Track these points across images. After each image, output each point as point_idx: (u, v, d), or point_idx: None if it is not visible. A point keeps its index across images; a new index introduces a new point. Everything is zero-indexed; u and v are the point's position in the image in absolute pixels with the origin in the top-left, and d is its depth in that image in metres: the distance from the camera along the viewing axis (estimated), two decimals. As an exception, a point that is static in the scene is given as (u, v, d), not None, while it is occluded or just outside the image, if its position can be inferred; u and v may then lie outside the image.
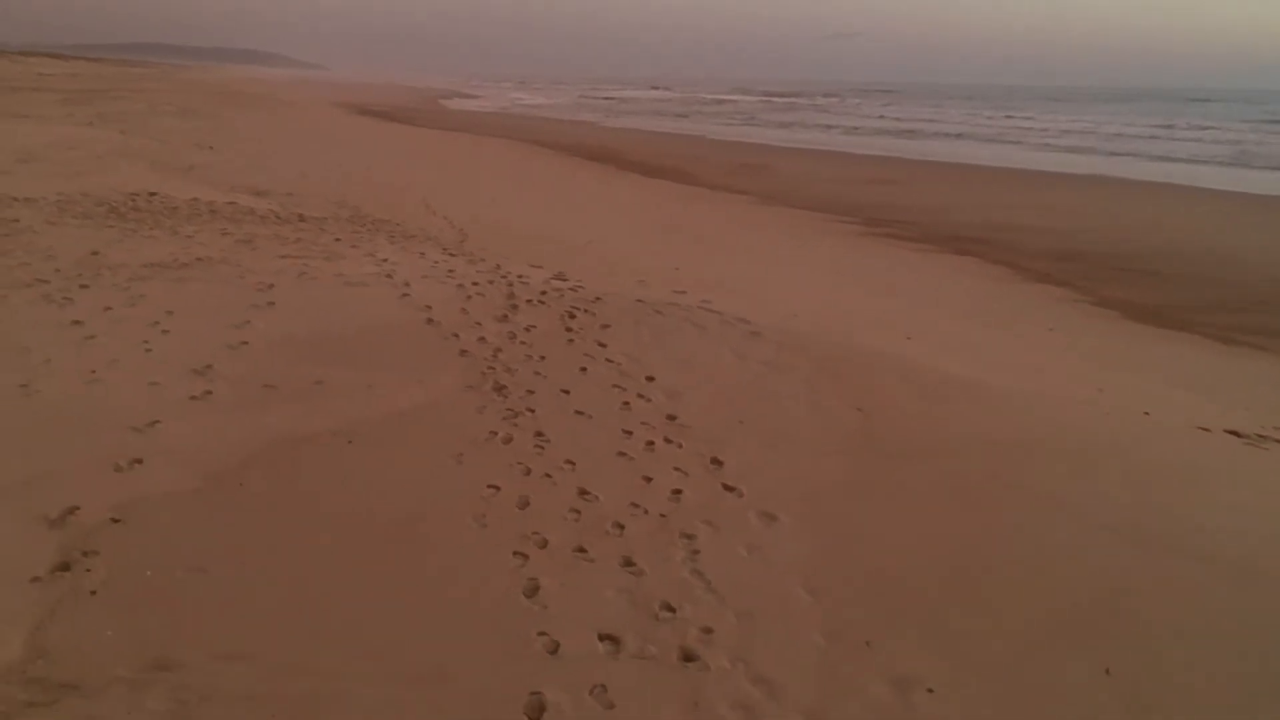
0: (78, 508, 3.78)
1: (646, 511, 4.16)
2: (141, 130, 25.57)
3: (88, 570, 3.40)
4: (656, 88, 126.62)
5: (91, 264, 7.26)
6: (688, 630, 3.36)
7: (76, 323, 5.86)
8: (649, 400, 5.34)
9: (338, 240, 8.96)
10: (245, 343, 5.69)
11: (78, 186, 12.24)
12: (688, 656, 3.23)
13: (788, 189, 22.53)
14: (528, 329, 6.29)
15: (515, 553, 3.76)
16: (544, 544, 3.83)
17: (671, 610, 3.47)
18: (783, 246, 14.64)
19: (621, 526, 4.02)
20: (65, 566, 3.41)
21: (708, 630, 3.37)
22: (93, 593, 3.29)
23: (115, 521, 3.73)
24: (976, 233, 16.89)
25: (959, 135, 42.58)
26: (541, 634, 3.28)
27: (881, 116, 56.58)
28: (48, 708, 2.73)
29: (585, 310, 6.76)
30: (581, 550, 3.81)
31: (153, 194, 11.55)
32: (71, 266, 7.14)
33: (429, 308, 6.54)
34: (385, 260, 7.97)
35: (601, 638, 3.29)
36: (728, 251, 12.94)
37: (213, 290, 6.71)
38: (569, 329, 6.37)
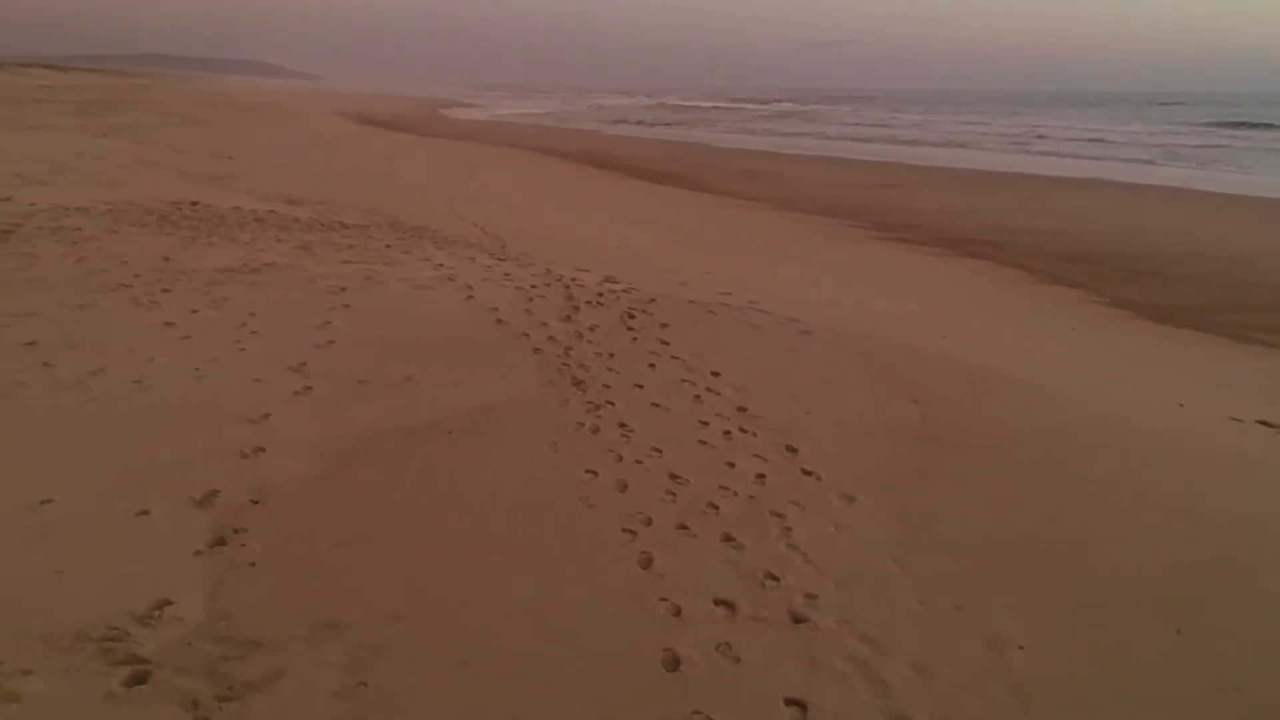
0: (218, 491, 4.08)
1: (736, 493, 4.48)
2: (156, 141, 25.84)
3: (242, 545, 3.70)
4: (649, 96, 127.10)
5: (166, 269, 7.57)
6: (793, 596, 3.67)
7: (169, 324, 6.17)
8: (718, 394, 5.66)
9: (388, 246, 9.28)
10: (331, 342, 6.00)
11: (118, 196, 12.53)
12: (797, 619, 3.54)
13: (795, 194, 22.81)
14: (592, 328, 6.61)
15: (624, 529, 4.07)
16: (649, 522, 4.14)
17: (775, 579, 3.78)
18: (802, 250, 14.96)
19: (716, 507, 4.33)
20: (221, 541, 3.72)
21: (811, 596, 3.69)
22: (252, 564, 3.59)
23: (255, 503, 4.03)
24: (986, 236, 17.19)
25: (956, 140, 43.07)
26: (663, 599, 3.59)
27: (881, 124, 57.02)
28: (241, 660, 3.04)
29: (643, 310, 7.08)
30: (684, 527, 4.13)
31: (194, 203, 11.85)
32: (149, 272, 7.45)
33: (495, 309, 6.86)
34: (441, 265, 8.29)
35: (717, 603, 3.60)
36: (752, 255, 13.26)
37: (288, 294, 7.02)
38: (630, 328, 6.69)
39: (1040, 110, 78.85)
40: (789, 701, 3.08)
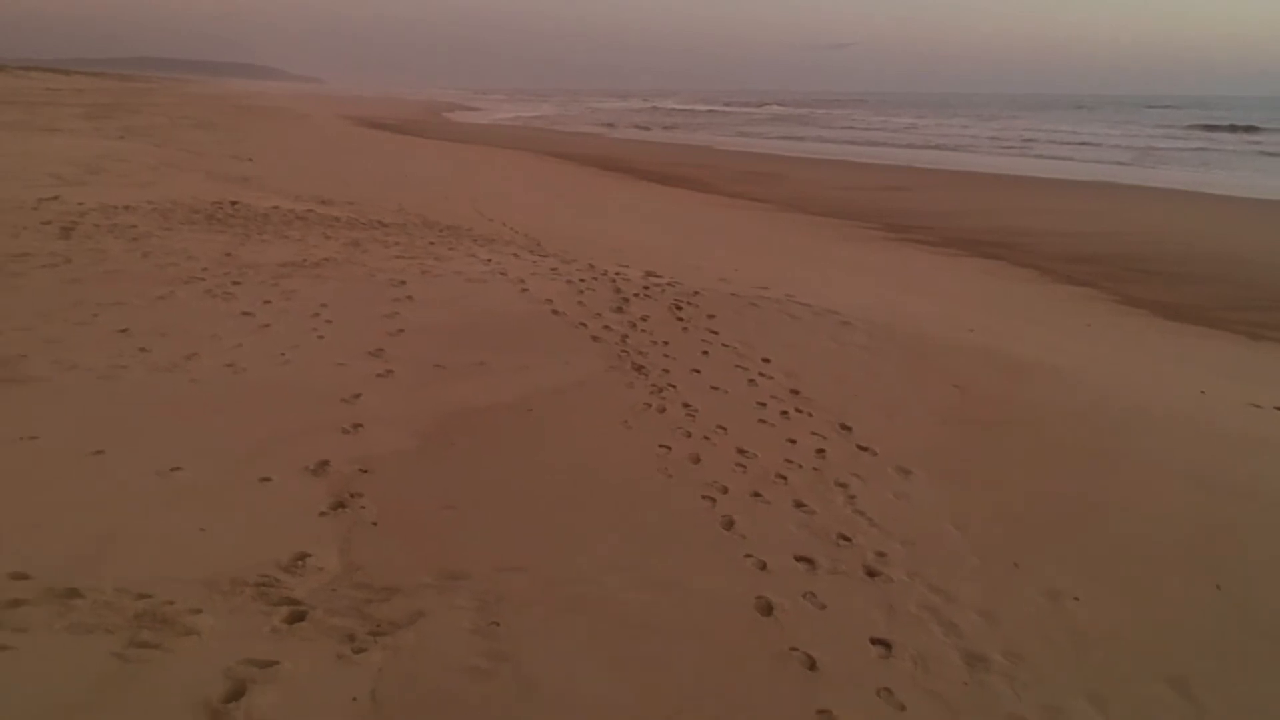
0: (328, 461, 4.43)
1: (800, 466, 4.82)
2: (173, 143, 26.12)
3: (361, 508, 4.05)
4: (645, 100, 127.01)
5: (231, 264, 7.92)
6: (865, 554, 4.02)
7: (246, 314, 6.51)
8: (770, 378, 6.01)
9: (432, 244, 9.63)
10: (401, 330, 6.35)
11: (158, 195, 12.87)
12: (871, 573, 3.89)
13: (803, 196, 23.10)
14: (643, 319, 6.95)
15: (703, 496, 4.41)
16: (724, 490, 4.49)
17: (847, 539, 4.13)
18: (819, 250, 15.30)
19: (784, 477, 4.68)
20: (341, 505, 4.06)
21: (881, 554, 4.03)
22: (374, 524, 3.94)
23: (363, 472, 4.37)
24: (995, 237, 17.51)
25: (958, 142, 43.50)
26: (748, 556, 3.93)
27: (873, 128, 57.37)
28: (383, 603, 3.38)
29: (689, 303, 7.44)
30: (757, 495, 4.47)
31: (234, 203, 12.19)
32: (214, 266, 7.80)
33: (549, 301, 7.20)
34: (489, 260, 8.64)
35: (797, 559, 3.94)
36: (773, 254, 13.61)
37: (352, 287, 7.37)
38: (680, 319, 7.04)
39: (1032, 114, 79.65)
40: (874, 641, 3.43)
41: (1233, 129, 51.64)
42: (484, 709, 2.91)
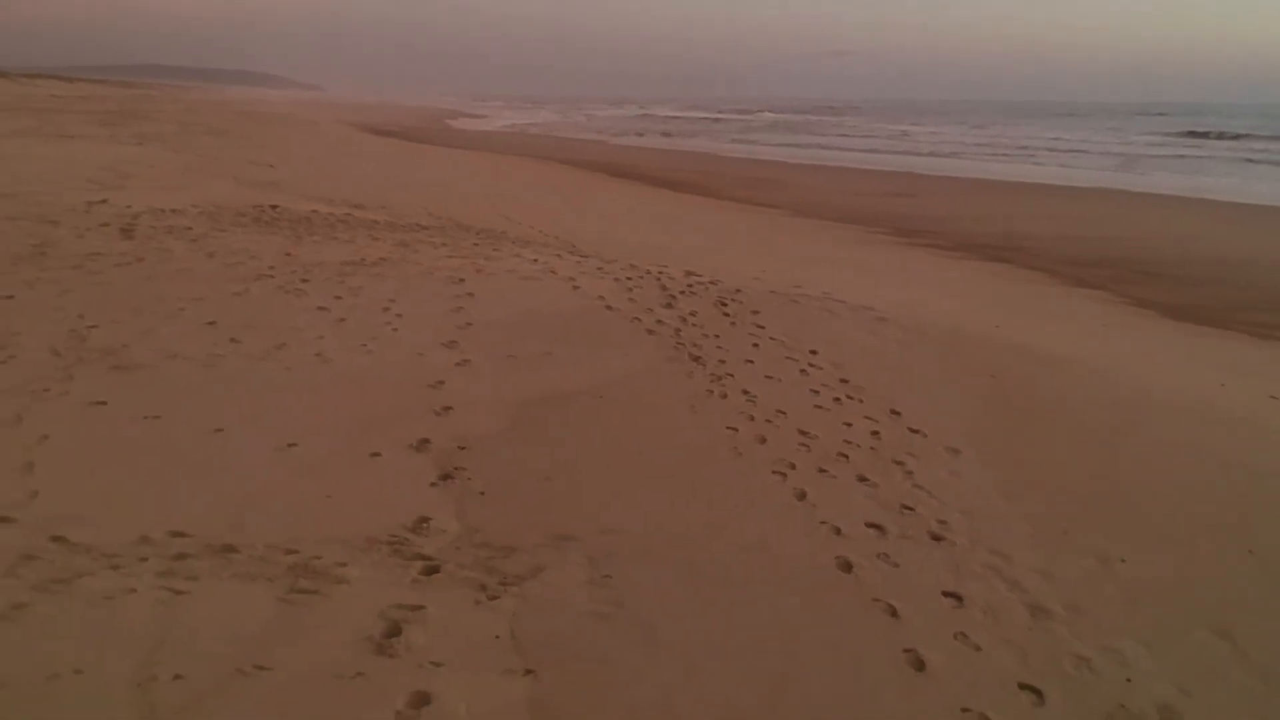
0: (429, 439, 4.81)
1: (859, 446, 5.21)
2: (191, 149, 26.41)
3: (468, 479, 4.43)
4: (642, 107, 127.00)
5: (293, 263, 8.30)
6: (929, 522, 4.40)
7: (321, 309, 6.90)
8: (820, 368, 6.40)
9: (476, 245, 10.02)
10: (469, 324, 6.73)
11: (196, 200, 13.24)
12: (935, 537, 4.27)
13: (812, 202, 23.42)
14: (692, 314, 7.34)
15: (773, 472, 4.79)
16: (792, 466, 4.86)
17: (910, 509, 4.51)
18: (834, 253, 15.68)
19: (845, 456, 5.06)
20: (448, 476, 4.44)
21: (943, 522, 4.41)
22: (481, 493, 4.32)
23: (462, 449, 4.75)
24: (1001, 241, 17.87)
25: (955, 149, 43.99)
26: (822, 523, 4.31)
27: (869, 134, 57.86)
28: (505, 559, 3.76)
29: (732, 299, 7.82)
30: (823, 470, 4.86)
31: (274, 206, 12.58)
32: (280, 264, 8.18)
33: (602, 298, 7.59)
34: (535, 260, 9.03)
35: (868, 525, 4.32)
36: (792, 257, 14.00)
37: (413, 284, 7.75)
38: (726, 314, 7.43)
39: (1024, 120, 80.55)
40: (946, 594, 3.81)
41: (1217, 136, 52.35)
42: (611, 646, 3.28)
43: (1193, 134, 54.58)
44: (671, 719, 2.97)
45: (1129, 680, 3.36)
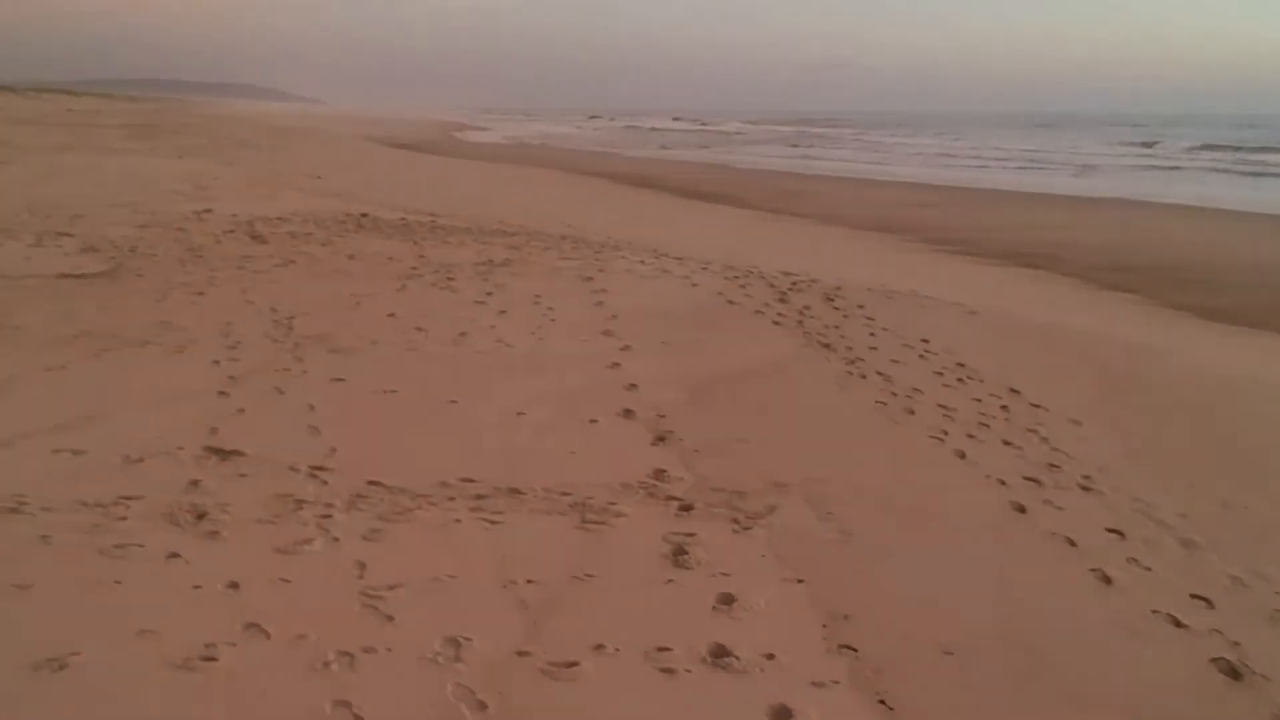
0: (632, 410, 5.55)
1: (994, 417, 5.95)
2: (235, 162, 27.09)
3: (680, 440, 5.17)
4: (638, 120, 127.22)
5: (430, 263, 9.06)
6: (1075, 476, 5.14)
7: (479, 302, 7.65)
8: (936, 354, 7.15)
9: (575, 248, 10.78)
10: (615, 316, 7.47)
11: (286, 209, 14.01)
12: (1084, 488, 5.00)
13: (839, 212, 23.88)
14: (806, 308, 8.10)
15: (930, 437, 5.54)
16: (945, 433, 5.60)
17: (1056, 467, 5.25)
18: (882, 260, 16.38)
19: (985, 425, 5.80)
20: (661, 439, 5.18)
21: (1086, 476, 5.15)
22: (696, 450, 5.06)
23: (661, 416, 5.50)
24: (1031, 248, 18.34)
25: (965, 161, 44.88)
26: (987, 476, 5.05)
27: (872, 147, 58.64)
28: (742, 500, 4.49)
29: (837, 295, 8.58)
30: (971, 436, 5.59)
31: (364, 214, 13.33)
32: (420, 264, 8.94)
33: (720, 293, 8.35)
34: (642, 261, 9.79)
35: (1025, 479, 5.06)
36: (849, 262, 14.74)
37: (548, 281, 8.51)
38: (836, 308, 8.18)
39: (1016, 132, 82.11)
40: (1109, 530, 4.54)
41: (1209, 149, 53.54)
42: (857, 562, 4.02)
43: (1209, 146, 55.60)
44: (926, 611, 3.70)
45: (1277, 593, 4.10)
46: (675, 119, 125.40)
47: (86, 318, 6.72)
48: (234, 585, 3.47)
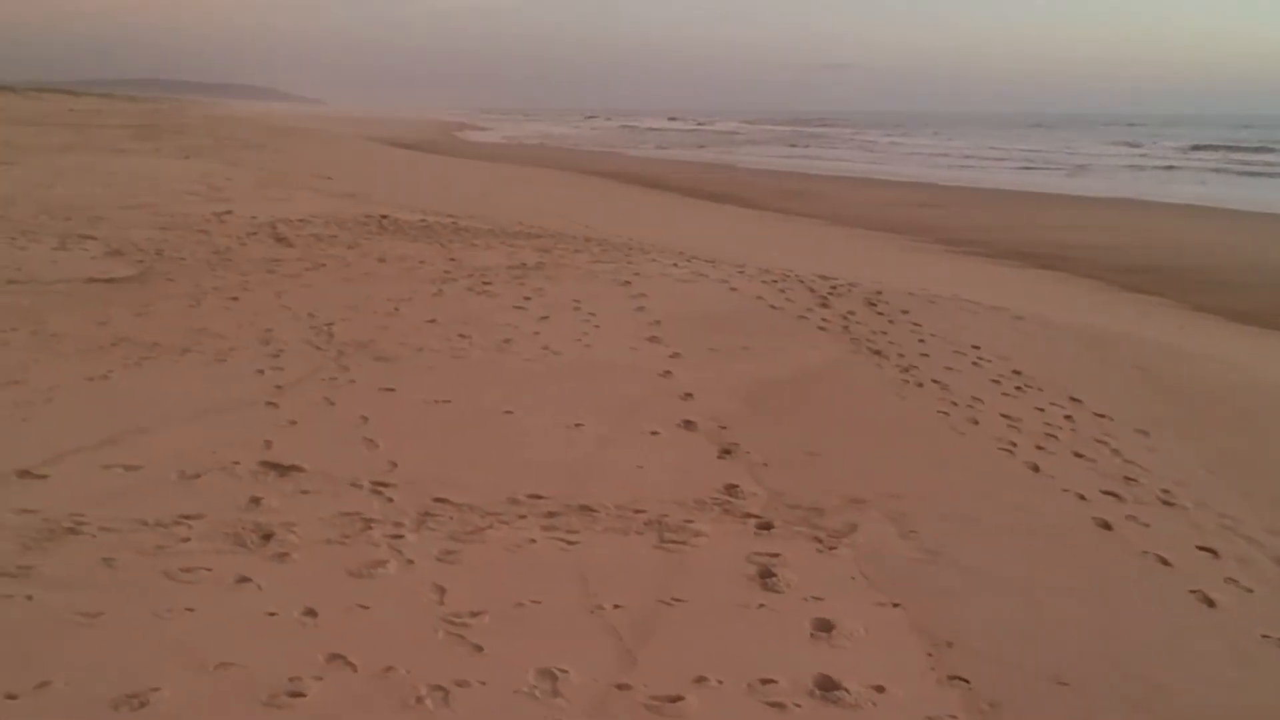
0: (693, 421, 5.38)
1: (1060, 427, 5.78)
2: (240, 163, 26.86)
3: (747, 453, 4.99)
4: (637, 120, 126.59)
5: (461, 266, 8.89)
6: (1153, 490, 4.98)
7: (518, 307, 7.48)
8: (989, 361, 6.98)
9: (604, 250, 10.61)
10: (659, 321, 7.30)
11: (305, 210, 13.83)
12: (1166, 503, 4.84)
13: (846, 213, 23.61)
14: (850, 313, 7.93)
15: (1000, 449, 5.37)
16: (1013, 445, 5.44)
17: (1133, 480, 5.08)
18: (899, 261, 16.20)
19: (1053, 436, 5.64)
20: (728, 452, 5.01)
21: (1166, 491, 4.99)
22: (764, 464, 4.89)
23: (723, 428, 5.33)
24: (1044, 249, 18.13)
25: (962, 160, 44.79)
26: (1065, 490, 4.88)
27: (867, 148, 58.42)
28: (819, 519, 4.32)
29: (880, 300, 8.42)
30: (1040, 448, 5.43)
31: (384, 216, 13.16)
32: (454, 268, 8.77)
33: (760, 298, 8.18)
34: (674, 265, 9.62)
35: (1104, 493, 4.89)
36: (871, 264, 14.56)
37: (584, 285, 8.34)
38: (880, 313, 8.02)
39: (1027, 131, 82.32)
40: (1200, 548, 4.37)
41: (1199, 148, 53.62)
42: (949, 584, 3.85)
43: (1198, 147, 55.66)
44: (1031, 638, 3.53)
45: (1386, 614, 3.94)
46: (671, 119, 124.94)
47: (122, 324, 6.55)
48: (310, 612, 3.30)
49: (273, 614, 3.29)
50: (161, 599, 3.32)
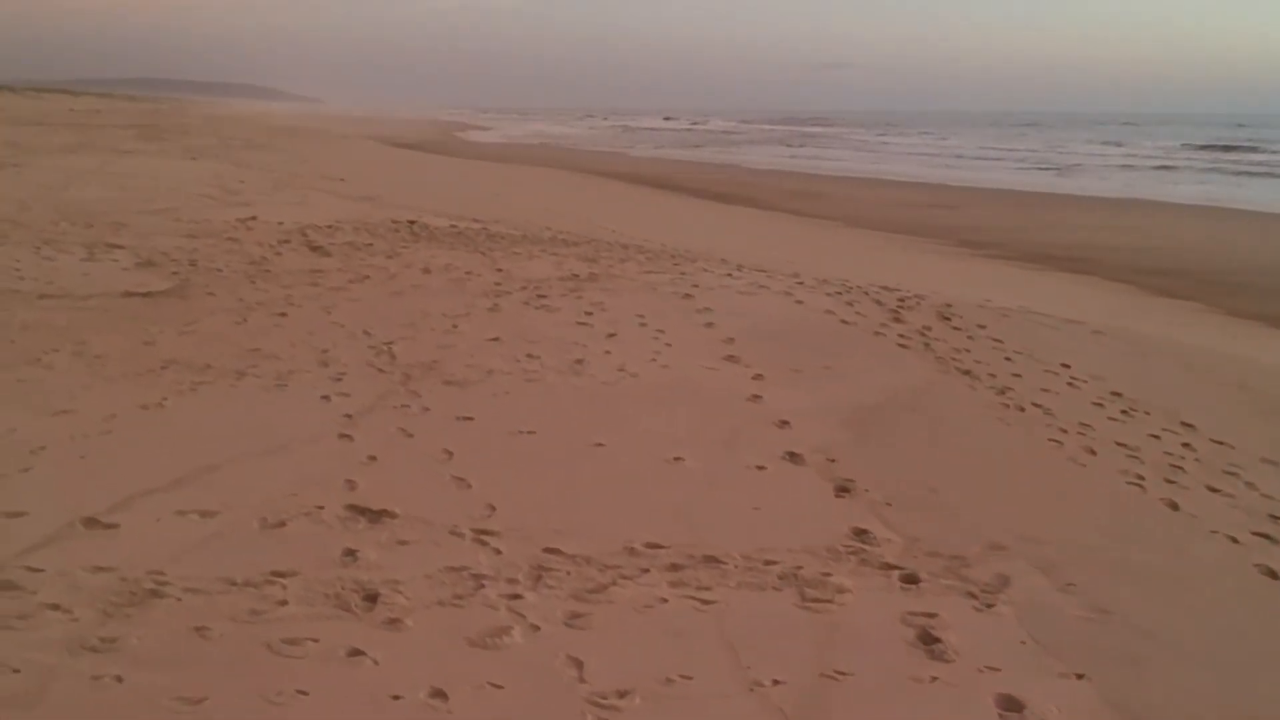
0: (798, 454, 4.97)
1: (1183, 457, 5.39)
2: (247, 164, 26.39)
3: (865, 491, 4.59)
4: (625, 122, 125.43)
5: (511, 278, 8.48)
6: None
7: (582, 323, 7.07)
8: (1085, 381, 6.59)
9: (649, 259, 10.20)
10: (731, 339, 6.89)
11: (330, 216, 13.40)
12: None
13: (859, 214, 23.20)
14: (926, 328, 7.53)
15: (1129, 483, 4.97)
16: (1141, 478, 5.04)
17: (1277, 518, 4.70)
18: (926, 265, 15.78)
19: (1178, 468, 5.22)
20: (845, 490, 4.60)
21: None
22: (888, 504, 4.49)
23: (831, 461, 4.93)
24: (1065, 251, 17.71)
25: (970, 160, 44.50)
26: (1213, 532, 4.49)
27: (868, 148, 58.01)
28: (965, 568, 3.92)
29: (953, 314, 8.02)
30: (1171, 481, 5.02)
31: (412, 222, 12.75)
32: (505, 280, 8.36)
33: (830, 312, 7.78)
34: (730, 275, 9.22)
35: (1255, 534, 4.50)
36: (915, 272, 14.17)
37: (644, 298, 7.93)
38: (957, 328, 7.62)
39: (1029, 131, 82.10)
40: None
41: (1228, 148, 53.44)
42: (1133, 650, 3.45)
43: (1199, 145, 55.45)
44: (1241, 716, 3.14)
45: None
46: (666, 118, 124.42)
47: (168, 344, 6.14)
48: (439, 694, 2.91)
49: (397, 697, 2.89)
50: (269, 679, 2.93)
